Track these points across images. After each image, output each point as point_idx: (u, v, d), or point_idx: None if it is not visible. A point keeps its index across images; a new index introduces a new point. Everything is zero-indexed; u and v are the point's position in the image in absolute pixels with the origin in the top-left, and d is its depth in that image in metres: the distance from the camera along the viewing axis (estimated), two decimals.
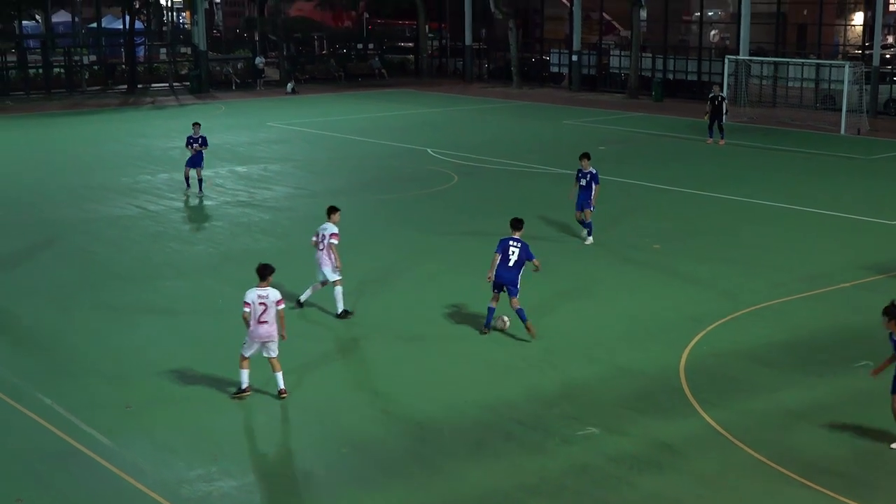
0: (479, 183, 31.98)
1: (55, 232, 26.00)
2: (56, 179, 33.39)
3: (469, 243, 24.35)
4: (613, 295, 20.35)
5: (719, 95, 40.13)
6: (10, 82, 60.91)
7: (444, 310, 19.33)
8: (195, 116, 49.36)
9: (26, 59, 64.81)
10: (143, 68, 66.34)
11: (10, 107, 54.86)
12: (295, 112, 51.35)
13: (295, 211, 28.44)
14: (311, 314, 19.28)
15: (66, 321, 18.99)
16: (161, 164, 35.99)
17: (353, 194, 30.53)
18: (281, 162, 36.38)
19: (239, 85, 64.04)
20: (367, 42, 74.61)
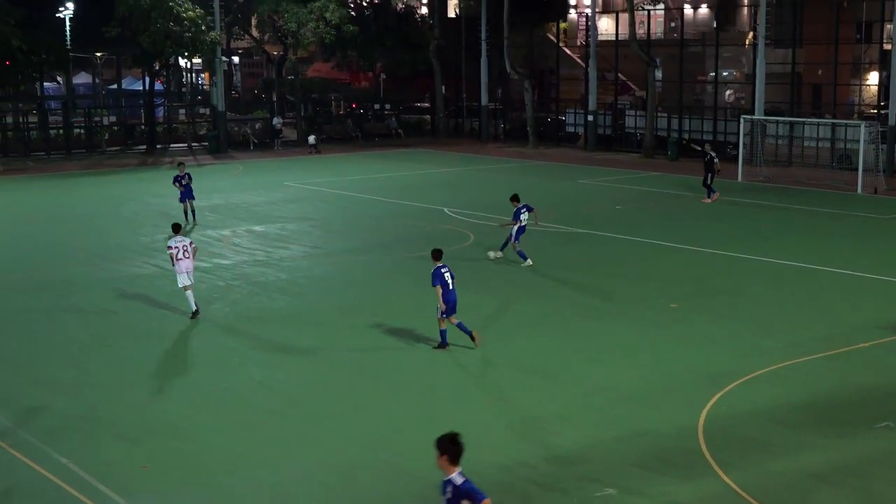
0: (495, 242, 31.97)
1: (73, 291, 26.08)
2: (75, 239, 33.57)
3: (483, 302, 24.32)
4: (630, 354, 20.24)
5: (710, 153, 40.31)
6: (32, 143, 61.52)
7: (459, 368, 19.25)
8: (214, 177, 49.75)
9: (47, 120, 65.65)
10: (162, 129, 66.96)
11: (30, 167, 55.35)
12: (312, 172, 51.63)
13: (312, 270, 28.48)
14: None
15: (83, 379, 18.98)
16: None
17: (369, 253, 30.58)
18: (298, 221, 36.52)
19: (257, 145, 64.50)
20: (383, 102, 75.19)
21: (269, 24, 67.28)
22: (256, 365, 19.72)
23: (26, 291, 26.23)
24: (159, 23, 57.46)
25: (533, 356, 20.08)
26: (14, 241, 33.59)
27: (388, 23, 69.59)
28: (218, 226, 35.65)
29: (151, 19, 57.65)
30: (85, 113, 66.20)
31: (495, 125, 69.24)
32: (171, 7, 57.93)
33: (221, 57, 63.82)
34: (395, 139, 68.23)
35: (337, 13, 62.77)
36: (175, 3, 58.30)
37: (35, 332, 22.40)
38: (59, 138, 62.77)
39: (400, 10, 72.08)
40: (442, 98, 71.06)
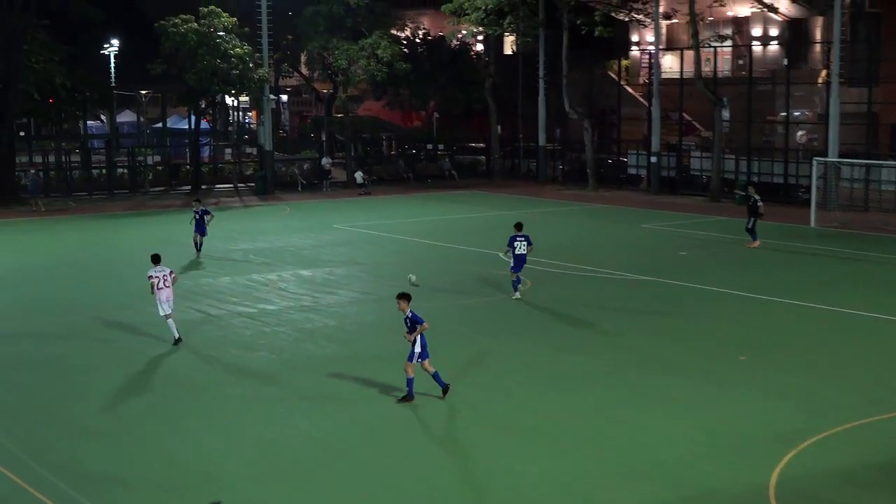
0: (552, 288, 31.86)
1: (114, 335, 26.28)
2: (115, 282, 33.89)
3: (536, 350, 24.17)
4: (695, 408, 19.97)
5: (753, 196, 40.01)
6: (74, 182, 62.39)
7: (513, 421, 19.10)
8: (260, 218, 50.15)
9: (90, 159, 66.61)
10: (207, 169, 67.69)
11: (72, 208, 56.11)
12: (361, 214, 51.87)
13: (361, 316, 28.50)
14: None
15: (121, 427, 19.05)
16: (223, 267, 36.41)
17: (421, 299, 30.47)
18: (346, 265, 36.63)
19: (305, 186, 64.95)
20: (436, 142, 75.48)
21: (319, 62, 67.90)
22: (302, 414, 19.70)
23: (63, 335, 26.47)
24: (206, 59, 58.29)
25: (594, 410, 19.87)
26: (52, 283, 33.98)
27: (442, 60, 69.97)
28: (264, 270, 35.84)
29: (198, 56, 58.50)
30: (128, 152, 67.21)
31: (553, 166, 69.21)
32: (218, 44, 58.77)
33: (269, 95, 64.49)
34: (448, 181, 68.41)
35: (389, 50, 63.32)
36: (222, 39, 59.15)
37: (71, 377, 22.56)
38: (101, 178, 63.65)
39: (454, 47, 72.44)
40: (497, 138, 71.20)
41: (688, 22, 58.72)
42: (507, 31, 68.71)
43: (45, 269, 36.91)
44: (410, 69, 64.85)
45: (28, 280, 34.49)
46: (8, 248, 41.92)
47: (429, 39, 73.09)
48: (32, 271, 36.18)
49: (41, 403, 20.70)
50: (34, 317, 28.81)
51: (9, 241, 44.11)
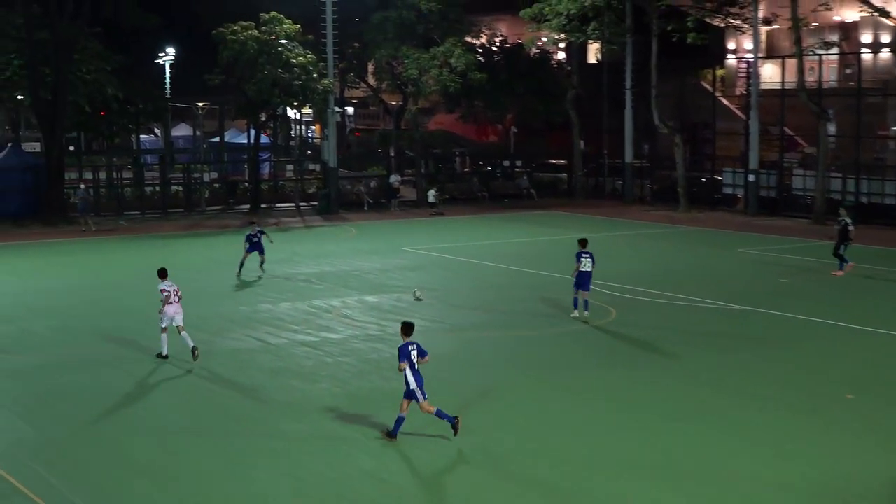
0: (640, 319, 31.66)
1: (167, 365, 26.55)
2: None
3: (622, 385, 24.02)
4: (799, 450, 19.69)
5: (845, 219, 39.45)
6: (125, 201, 63.22)
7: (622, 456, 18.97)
8: (323, 240, 50.47)
9: (143, 176, 67.40)
10: (267, 186, 68.27)
11: (123, 227, 56.86)
12: (433, 235, 51.97)
13: (431, 347, 28.39)
14: None
15: (174, 464, 19.19)
16: (284, 292, 36.67)
17: (496, 329, 30.51)
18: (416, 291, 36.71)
19: (371, 205, 65.27)
20: (514, 158, 75.53)
21: (388, 72, 68.33)
22: (366, 453, 19.72)
23: (113, 363, 26.78)
24: (267, 69, 58.88)
25: (688, 451, 19.69)
26: (102, 307, 34.41)
27: (521, 69, 70.00)
28: (326, 295, 36.03)
29: (258, 66, 59.11)
30: (184, 168, 67.98)
31: (641, 185, 68.88)
32: (280, 52, 59.33)
33: (334, 107, 64.99)
34: (526, 200, 68.38)
35: (463, 59, 63.45)
36: (284, 47, 59.70)
37: (122, 409, 22.81)
38: (155, 196, 64.44)
39: (534, 56, 72.50)
40: (580, 154, 71.07)
41: (790, 28, 58.19)
42: (590, 39, 68.62)
43: (94, 292, 37.42)
44: (486, 79, 64.95)
45: (76, 304, 34.98)
46: (56, 271, 42.59)
47: (506, 47, 73.22)
48: (81, 295, 36.70)
49: (89, 436, 20.93)
50: (82, 344, 29.20)
51: (57, 262, 44.82)
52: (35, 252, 47.79)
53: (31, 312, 33.66)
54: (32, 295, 36.91)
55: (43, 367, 26.54)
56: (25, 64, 57.68)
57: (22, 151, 65.01)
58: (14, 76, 58.28)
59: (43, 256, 46.44)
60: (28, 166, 59.95)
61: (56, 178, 59.02)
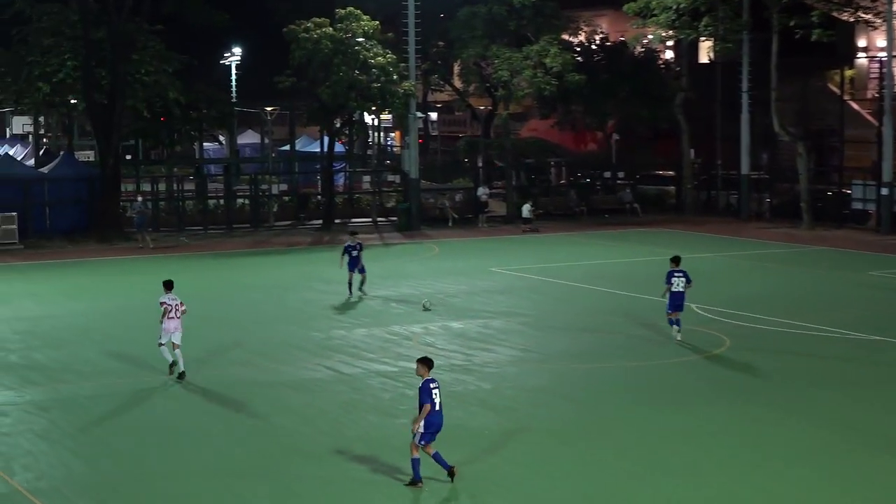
0: (757, 349, 31.27)
1: (229, 397, 26.67)
2: (232, 332, 34.47)
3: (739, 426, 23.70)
4: None
5: None
6: (187, 215, 63.79)
7: None
8: (403, 259, 50.56)
9: (206, 188, 67.95)
10: (342, 199, 68.60)
11: (184, 244, 57.41)
12: (525, 255, 51.84)
13: (522, 379, 28.38)
14: None
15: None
16: (359, 317, 36.77)
17: (595, 359, 30.30)
18: (505, 317, 36.59)
19: (457, 221, 65.28)
20: (615, 169, 75.17)
21: (476, 73, 68.40)
22: (452, 499, 19.62)
23: (171, 395, 26.98)
24: (342, 71, 59.08)
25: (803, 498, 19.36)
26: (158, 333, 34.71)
27: (623, 70, 69.72)
28: (406, 320, 36.06)
29: (333, 67, 59.33)
30: (251, 180, 68.45)
31: (759, 200, 68.18)
32: (356, 52, 59.51)
33: (416, 112, 65.15)
34: (629, 216, 67.98)
35: (559, 58, 63.28)
36: (362, 46, 59.89)
37: (179, 445, 22.92)
38: (218, 210, 64.99)
39: (638, 55, 72.17)
40: (690, 165, 70.51)
41: None
42: (703, 36, 68.02)
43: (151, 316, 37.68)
44: (585, 81, 64.70)
45: (131, 329, 35.29)
46: (110, 291, 43.11)
47: (607, 46, 72.99)
48: (137, 318, 37.01)
49: (144, 474, 21.05)
50: (137, 373, 29.44)
51: (111, 282, 45.37)
52: (88, 270, 48.43)
53: (83, 337, 34.09)
54: (84, 317, 37.39)
55: (95, 398, 26.82)
56: (80, 65, 58.51)
57: (75, 161, 65.92)
58: (67, 78, 59.06)
59: (96, 275, 47.04)
60: (81, 177, 60.68)
61: (111, 189, 59.66)
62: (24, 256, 52.66)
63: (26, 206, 57.75)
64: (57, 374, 29.37)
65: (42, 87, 58.88)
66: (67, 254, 53.56)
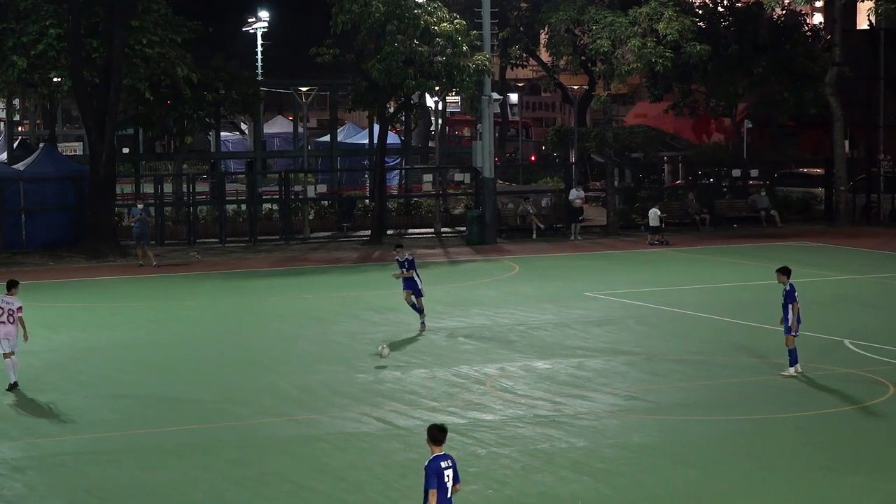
0: None
1: (255, 457, 26.93)
2: (258, 374, 34.73)
3: None
4: None
5: None
6: (200, 224, 64.08)
7: None
8: (474, 281, 50.64)
9: (224, 189, 68.09)
10: (396, 205, 68.78)
11: (196, 261, 57.77)
12: (628, 275, 51.88)
13: (626, 435, 28.41)
14: None
15: None
16: (417, 354, 36.92)
17: (717, 411, 30.28)
18: (605, 355, 36.63)
19: (542, 232, 65.30)
20: (747, 167, 74.83)
21: (568, 43, 68.46)
22: None
23: (180, 453, 27.20)
24: (397, 41, 59.10)
25: None
26: (164, 375, 35.06)
27: (758, 40, 69.39)
28: (478, 359, 36.19)
29: (386, 35, 59.37)
30: (280, 179, 68.69)
31: None
32: (416, 17, 59.44)
33: (492, 94, 65.22)
34: (765, 226, 67.70)
35: (676, 24, 62.95)
36: (423, 10, 59.88)
37: None
38: (240, 218, 65.31)
39: (778, 20, 71.80)
40: (844, 161, 70.15)
41: None
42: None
43: (154, 353, 38.11)
44: (708, 54, 64.54)
45: (130, 370, 35.61)
46: (103, 321, 43.47)
47: (737, 8, 72.74)
48: (136, 356, 37.38)
49: None
50: (136, 424, 29.74)
51: (104, 309, 45.79)
52: (75, 294, 48.90)
53: (68, 379, 34.43)
54: (69, 355, 37.71)
55: (82, 456, 27.11)
56: (65, 34, 58.73)
57: (58, 155, 66.28)
58: (49, 51, 59.05)
59: (85, 301, 47.48)
60: (67, 176, 61.12)
61: (105, 192, 59.97)
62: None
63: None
64: (35, 425, 29.71)
65: (17, 62, 58.77)
66: (49, 273, 54.13)
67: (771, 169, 74.68)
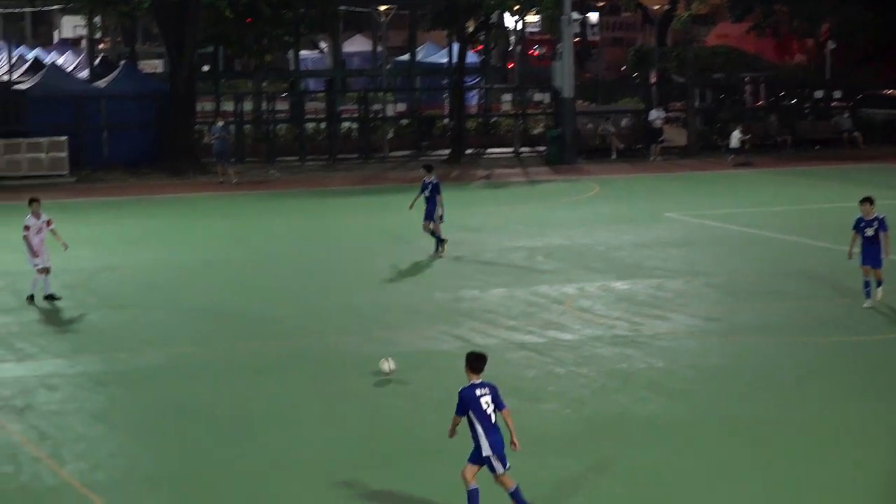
0: None
1: (330, 375, 27.01)
2: (336, 292, 34.84)
3: None
4: None
5: None
6: (278, 143, 64.25)
7: None
8: (552, 201, 50.53)
9: (302, 109, 68.27)
10: (475, 124, 68.60)
11: (275, 179, 57.95)
12: (708, 196, 51.65)
13: (703, 356, 28.30)
14: None
15: None
16: (496, 274, 36.95)
17: (800, 332, 30.08)
18: (684, 276, 36.54)
19: (622, 153, 65.03)
20: (830, 89, 74.15)
21: None
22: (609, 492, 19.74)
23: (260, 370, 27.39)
24: None
25: None
26: (245, 290, 35.24)
27: None
28: (556, 279, 36.17)
29: None
30: (359, 98, 68.73)
31: None
32: None
33: (571, 13, 64.83)
34: (848, 148, 67.12)
35: None
36: None
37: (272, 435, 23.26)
38: (319, 136, 65.39)
39: None
40: None
41: None
42: None
43: (235, 269, 38.28)
44: None
45: (211, 285, 35.91)
46: (183, 238, 43.75)
47: None
48: (217, 273, 37.61)
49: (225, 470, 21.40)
50: (217, 342, 30.02)
51: (184, 226, 46.05)
52: (156, 211, 49.20)
53: (149, 295, 34.69)
54: (150, 271, 37.98)
55: (163, 371, 27.40)
56: None
57: (138, 73, 66.86)
58: None
59: (165, 218, 47.77)
60: (147, 94, 61.50)
61: (184, 109, 60.31)
62: (76, 192, 53.67)
63: (79, 130, 58.72)
64: (117, 340, 29.95)
65: None
66: (130, 190, 54.46)
67: (854, 91, 73.95)
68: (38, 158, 56.73)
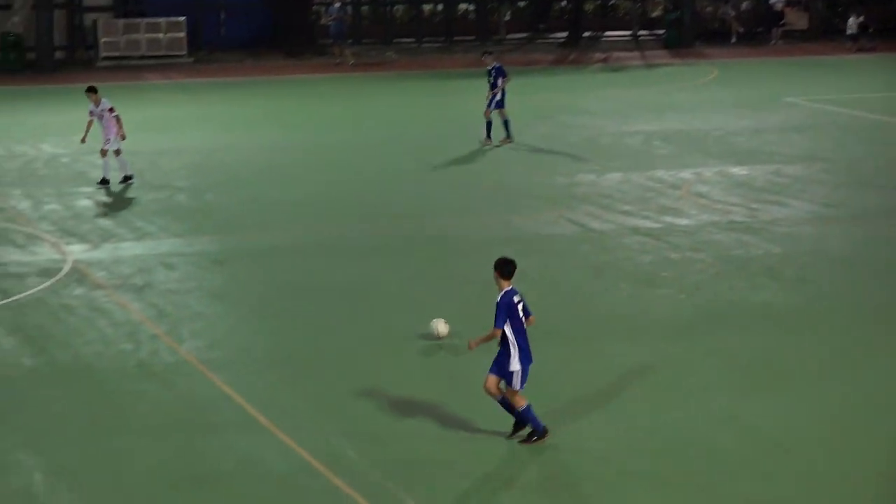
0: None
1: (448, 256, 27.16)
2: (453, 176, 34.96)
3: None
4: None
5: None
6: (395, 24, 64.21)
7: None
8: (670, 85, 50.23)
9: None
10: (593, 6, 68.13)
11: (393, 60, 57.98)
12: (830, 81, 51.14)
13: (822, 242, 28.10)
14: None
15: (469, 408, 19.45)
16: (613, 158, 36.80)
17: None
18: (803, 162, 36.23)
19: (742, 36, 64.39)
20: None
21: None
22: (726, 392, 19.67)
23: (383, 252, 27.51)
24: None
25: None
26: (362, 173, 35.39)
27: None
28: (673, 164, 36.01)
29: None
30: None
31: None
32: None
33: None
34: None
35: None
36: None
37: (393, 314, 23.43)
38: (435, 17, 65.24)
39: None
40: None
41: None
42: None
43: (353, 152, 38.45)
44: None
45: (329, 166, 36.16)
46: (301, 119, 43.91)
47: None
48: (334, 154, 37.80)
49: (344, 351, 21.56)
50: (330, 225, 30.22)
51: (302, 108, 46.21)
52: (272, 92, 49.44)
53: (266, 176, 35.00)
54: (269, 152, 38.26)
55: (280, 251, 27.68)
56: None
57: None
58: None
59: (282, 98, 48.00)
60: None
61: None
62: (193, 72, 54.05)
63: (197, 10, 58.92)
64: (234, 220, 30.32)
65: None
66: (246, 70, 54.71)
67: None
68: (157, 38, 57.08)
